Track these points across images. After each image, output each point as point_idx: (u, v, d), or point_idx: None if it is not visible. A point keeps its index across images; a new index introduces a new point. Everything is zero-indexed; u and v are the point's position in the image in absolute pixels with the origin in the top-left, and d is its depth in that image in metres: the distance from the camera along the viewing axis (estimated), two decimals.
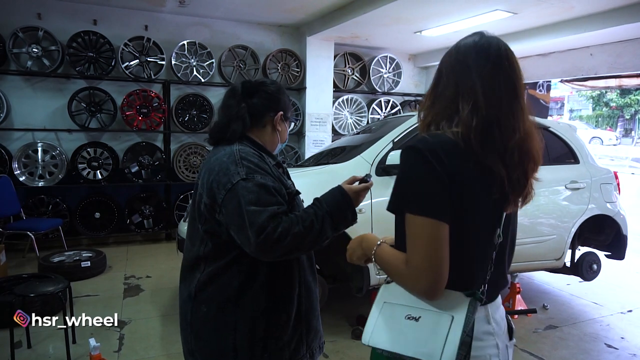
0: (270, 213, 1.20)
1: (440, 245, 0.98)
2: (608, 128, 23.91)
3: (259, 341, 1.31)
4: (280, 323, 1.34)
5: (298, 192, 1.53)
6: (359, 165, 3.27)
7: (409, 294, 1.06)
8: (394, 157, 3.19)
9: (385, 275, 1.16)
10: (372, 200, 3.16)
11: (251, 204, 1.21)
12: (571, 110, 27.22)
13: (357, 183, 1.38)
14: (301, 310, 1.39)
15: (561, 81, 7.91)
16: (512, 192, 1.05)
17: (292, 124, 6.29)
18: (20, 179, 4.98)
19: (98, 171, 5.32)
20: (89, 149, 5.30)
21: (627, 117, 24.51)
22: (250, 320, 1.31)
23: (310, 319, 1.42)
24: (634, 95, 22.37)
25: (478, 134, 1.02)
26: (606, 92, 22.33)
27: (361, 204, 3.03)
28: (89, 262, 4.29)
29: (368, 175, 1.38)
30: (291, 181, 1.51)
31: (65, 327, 2.81)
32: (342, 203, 1.31)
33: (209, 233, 1.34)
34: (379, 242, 1.14)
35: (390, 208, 1.07)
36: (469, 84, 1.05)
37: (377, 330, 1.07)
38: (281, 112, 1.46)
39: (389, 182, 3.24)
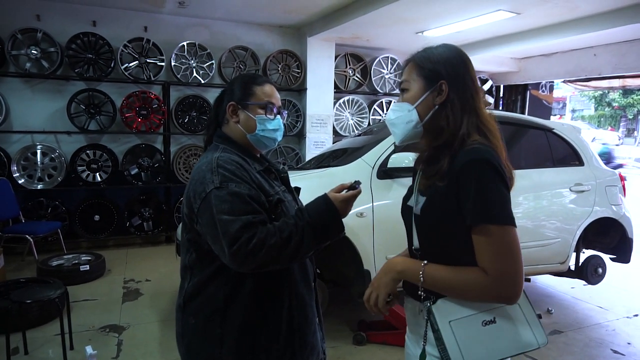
0: (243, 222, 1.15)
1: (520, 250, 1.05)
2: (610, 128, 23.82)
3: (246, 355, 1.27)
4: (269, 337, 1.28)
5: (298, 189, 1.50)
6: (361, 168, 3.22)
7: (466, 304, 1.09)
8: (396, 160, 3.15)
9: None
10: (374, 204, 3.12)
11: (223, 213, 1.16)
12: (573, 111, 27.14)
13: (345, 191, 1.30)
14: (293, 323, 1.32)
15: (564, 81, 7.86)
16: None
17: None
18: (19, 182, 4.94)
19: (97, 173, 5.28)
20: (88, 151, 5.26)
21: (630, 117, 24.43)
22: (237, 334, 1.26)
23: (304, 333, 1.35)
24: (637, 95, 22.27)
25: (503, 143, 1.15)
26: (608, 92, 22.24)
27: (362, 208, 3.06)
28: (87, 266, 4.25)
29: (357, 182, 1.31)
30: (286, 187, 1.45)
31: (62, 333, 2.77)
32: (325, 213, 1.23)
33: (192, 242, 1.30)
34: (424, 262, 1.13)
35: (475, 222, 1.05)
36: (477, 94, 1.17)
37: (466, 350, 1.06)
38: (232, 103, 1.39)
39: (391, 185, 3.21)
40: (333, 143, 6.08)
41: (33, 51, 4.96)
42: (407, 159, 3.12)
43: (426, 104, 1.17)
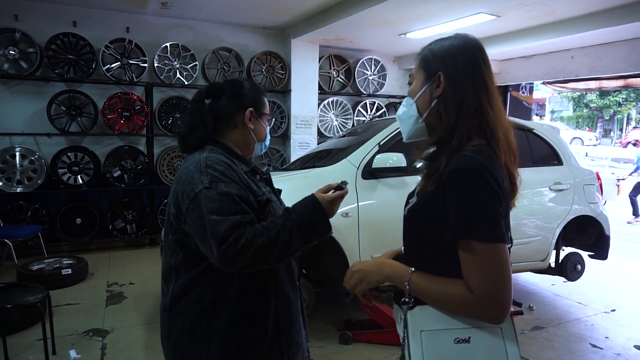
0: (232, 222, 1.15)
1: (510, 269, 0.97)
2: (588, 129, 24.39)
3: (233, 355, 1.27)
4: (256, 337, 1.29)
5: (279, 191, 1.50)
6: (346, 169, 3.25)
7: (443, 316, 1.01)
8: (380, 160, 3.19)
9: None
10: (359, 204, 3.15)
11: (213, 213, 1.16)
12: (552, 112, 27.70)
13: (332, 191, 1.31)
14: (279, 323, 1.33)
15: (543, 83, 8.03)
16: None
17: (273, 120, 6.21)
18: None
19: (79, 176, 5.20)
20: (69, 154, 5.17)
21: (607, 118, 25.05)
22: (224, 334, 1.26)
23: (290, 332, 1.36)
24: (613, 97, 22.87)
25: (506, 145, 1.04)
26: (586, 93, 22.79)
27: (348, 208, 3.09)
28: (69, 270, 4.18)
29: (344, 183, 1.33)
30: (270, 187, 1.45)
31: (44, 338, 2.72)
32: (313, 213, 1.24)
33: (179, 243, 1.29)
34: (412, 269, 1.05)
35: (455, 237, 0.98)
36: (487, 91, 1.06)
37: None
38: (251, 109, 1.40)
39: (376, 185, 3.25)
40: (318, 144, 6.10)
41: (11, 52, 4.86)
42: (391, 159, 3.16)
43: (425, 97, 1.11)
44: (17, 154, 4.93)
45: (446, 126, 1.06)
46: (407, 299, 1.06)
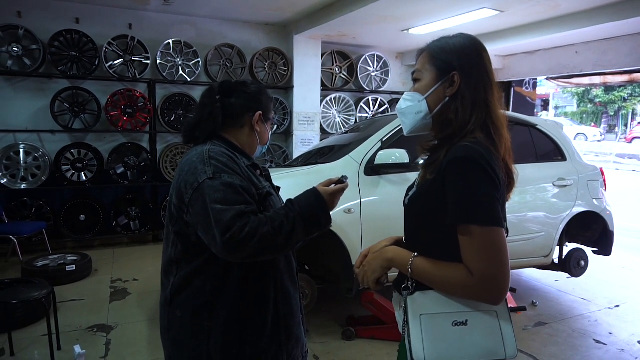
0: (236, 211, 1.17)
1: (507, 253, 1.02)
2: (592, 124, 24.25)
3: (233, 348, 1.28)
4: (255, 329, 1.30)
5: (278, 188, 1.52)
6: (348, 165, 3.24)
7: (443, 301, 1.06)
8: (383, 157, 3.18)
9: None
10: (362, 200, 3.14)
11: (217, 202, 1.18)
12: (556, 107, 27.54)
13: (333, 185, 1.35)
14: (279, 316, 1.34)
15: (547, 78, 7.99)
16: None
17: (275, 126, 6.22)
18: (2, 182, 4.86)
19: (82, 173, 5.22)
20: (72, 150, 5.19)
21: (611, 114, 24.88)
22: (224, 326, 1.27)
23: (290, 325, 1.37)
24: (618, 92, 22.71)
25: (506, 141, 1.13)
26: (591, 88, 22.64)
27: (350, 204, 3.09)
28: (74, 266, 4.20)
29: (344, 177, 1.36)
30: (269, 183, 1.47)
31: (49, 334, 2.74)
32: (315, 205, 1.27)
33: (179, 234, 1.30)
34: (415, 254, 1.11)
35: (455, 222, 1.03)
36: (493, 89, 1.13)
37: (429, 345, 1.04)
38: (260, 112, 1.43)
39: (378, 181, 3.24)
40: (320, 140, 6.10)
41: (14, 49, 4.87)
42: (394, 155, 3.16)
43: (437, 95, 1.15)
44: (21, 150, 4.95)
45: (462, 122, 1.11)
46: (408, 285, 1.11)
